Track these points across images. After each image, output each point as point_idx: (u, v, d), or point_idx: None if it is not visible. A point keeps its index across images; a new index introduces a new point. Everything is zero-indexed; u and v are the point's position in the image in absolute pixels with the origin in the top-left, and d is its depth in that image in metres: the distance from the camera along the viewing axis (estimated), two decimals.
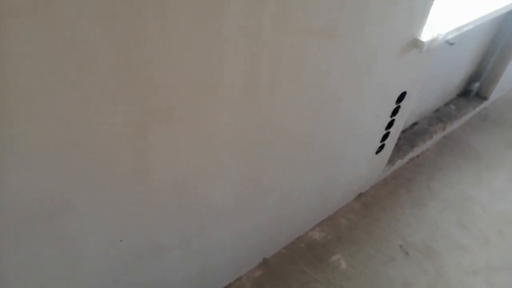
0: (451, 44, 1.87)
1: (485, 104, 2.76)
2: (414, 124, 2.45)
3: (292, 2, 0.89)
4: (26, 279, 0.90)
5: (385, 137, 1.86)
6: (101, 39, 0.66)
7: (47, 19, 0.59)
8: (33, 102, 0.66)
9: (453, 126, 2.56)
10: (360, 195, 2.13)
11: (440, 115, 2.54)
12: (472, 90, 2.68)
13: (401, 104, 1.72)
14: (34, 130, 0.69)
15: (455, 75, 2.47)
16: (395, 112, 1.74)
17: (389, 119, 1.76)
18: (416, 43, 1.40)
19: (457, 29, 1.56)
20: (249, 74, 0.95)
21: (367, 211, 2.05)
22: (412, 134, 2.38)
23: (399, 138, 2.27)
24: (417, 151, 2.36)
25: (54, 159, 0.75)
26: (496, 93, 2.76)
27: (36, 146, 0.71)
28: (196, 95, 0.89)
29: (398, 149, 2.24)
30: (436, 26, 1.46)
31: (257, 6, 0.83)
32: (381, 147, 1.91)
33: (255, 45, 0.90)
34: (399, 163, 2.26)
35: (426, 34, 1.40)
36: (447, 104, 2.65)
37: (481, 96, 2.74)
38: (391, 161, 2.17)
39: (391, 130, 1.84)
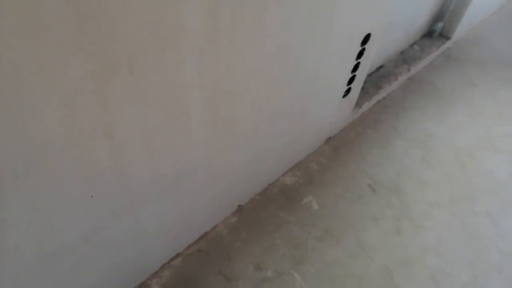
0: None
1: (448, 43, 2.81)
2: (380, 67, 2.49)
3: None
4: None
5: (351, 80, 1.88)
6: None
7: None
8: None
9: (417, 67, 2.61)
10: (329, 139, 2.18)
11: (405, 57, 2.58)
12: (435, 31, 2.71)
13: (366, 46, 1.73)
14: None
15: (419, 15, 2.48)
16: (360, 54, 1.75)
17: (355, 62, 1.77)
18: None
19: None
20: (210, 21, 0.93)
21: (336, 154, 2.11)
22: (378, 77, 2.41)
23: (365, 82, 2.31)
24: (383, 93, 2.40)
25: (14, 115, 0.73)
26: (459, 33, 2.81)
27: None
28: (154, 45, 0.86)
29: (365, 92, 2.28)
30: None
31: None
32: (348, 90, 1.94)
33: None
34: (366, 105, 2.31)
35: None
36: (411, 46, 2.68)
37: (444, 36, 2.79)
38: (358, 104, 2.21)
39: (356, 73, 1.86)
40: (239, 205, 1.84)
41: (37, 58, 0.70)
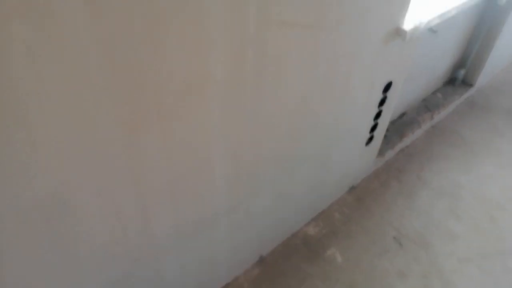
0: (434, 31, 1.88)
1: (471, 91, 2.77)
2: (403, 114, 2.46)
3: None
4: (27, 281, 0.90)
5: (373, 128, 1.86)
6: (90, 40, 0.66)
7: (46, 26, 0.60)
8: (29, 104, 0.66)
9: (441, 115, 2.57)
10: (353, 188, 2.13)
11: (427, 104, 2.55)
12: (458, 78, 2.70)
13: (388, 94, 1.72)
14: (30, 133, 0.69)
15: (440, 63, 2.48)
16: (382, 102, 1.74)
17: (377, 110, 1.76)
18: (398, 32, 1.40)
19: (439, 16, 1.56)
20: (235, 70, 0.95)
21: (360, 203, 2.05)
22: (401, 125, 2.38)
23: (388, 129, 2.28)
24: (406, 141, 2.36)
25: (50, 161, 0.76)
26: (482, 80, 2.78)
27: (32, 149, 0.71)
28: (182, 94, 0.88)
29: (388, 140, 2.25)
30: (418, 15, 1.46)
31: (240, 2, 0.84)
32: (371, 138, 1.91)
33: (240, 41, 0.90)
34: (389, 154, 2.27)
35: (408, 23, 1.40)
36: (434, 93, 2.66)
37: (467, 83, 2.76)
38: (381, 152, 2.17)
39: (379, 120, 1.85)
40: (261, 256, 1.78)
41: (72, 105, 0.72)
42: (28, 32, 0.59)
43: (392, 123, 2.38)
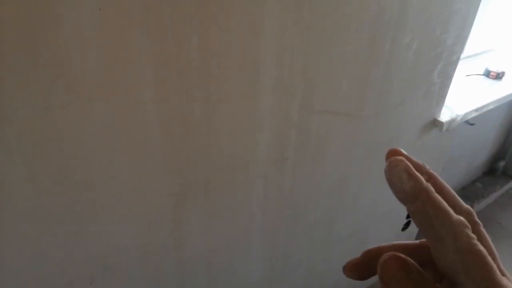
0: (472, 124, 1.93)
1: None
2: None
3: (317, 89, 1.00)
4: None
5: None
6: (155, 119, 0.77)
7: (121, 106, 0.71)
8: (95, 172, 0.74)
9: (480, 205, 2.52)
10: None
11: (467, 193, 2.52)
12: (498, 169, 2.68)
13: None
14: (94, 198, 0.77)
15: (479, 154, 2.49)
16: None
17: None
18: (435, 123, 1.46)
19: (476, 110, 1.62)
20: (278, 151, 1.03)
21: None
22: None
23: None
24: None
25: (98, 226, 0.82)
26: None
27: (80, 213, 0.78)
28: (229, 170, 0.97)
29: None
30: (455, 107, 1.53)
31: (286, 93, 0.94)
32: (407, 224, 1.90)
33: (284, 125, 1.00)
34: None
35: (445, 115, 1.47)
36: (473, 182, 2.64)
37: (508, 175, 2.73)
38: (418, 239, 2.13)
39: None
40: None
41: (134, 178, 0.81)
42: (106, 111, 0.70)
43: None
